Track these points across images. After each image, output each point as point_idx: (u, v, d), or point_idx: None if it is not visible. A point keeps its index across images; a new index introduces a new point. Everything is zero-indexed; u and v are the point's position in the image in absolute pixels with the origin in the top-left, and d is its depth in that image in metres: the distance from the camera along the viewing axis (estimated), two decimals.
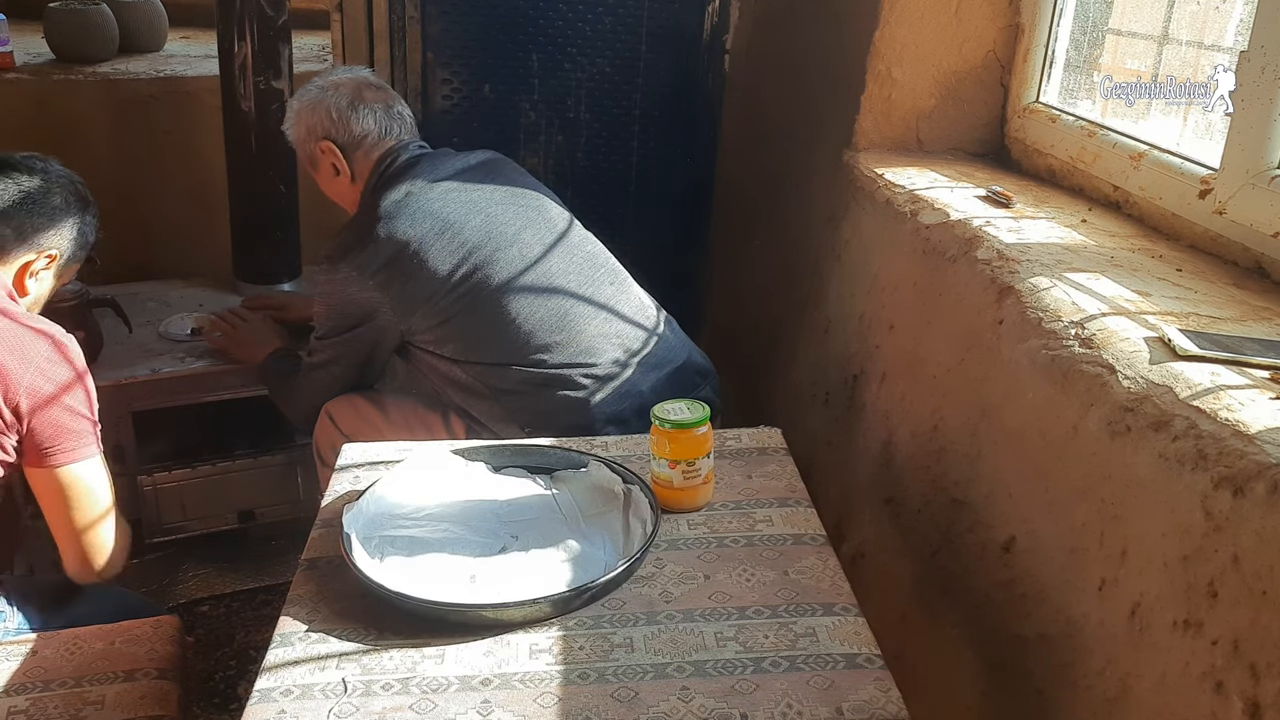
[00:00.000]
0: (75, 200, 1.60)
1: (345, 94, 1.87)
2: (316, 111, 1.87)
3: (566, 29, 2.43)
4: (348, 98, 1.86)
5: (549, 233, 1.85)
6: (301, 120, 1.89)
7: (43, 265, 1.57)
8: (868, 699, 1.06)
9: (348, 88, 1.88)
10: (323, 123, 1.86)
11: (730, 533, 1.35)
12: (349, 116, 1.85)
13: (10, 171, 1.55)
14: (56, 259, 1.59)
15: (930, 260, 1.65)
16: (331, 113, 1.85)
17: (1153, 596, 1.09)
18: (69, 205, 1.59)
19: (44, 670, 1.41)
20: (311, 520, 1.39)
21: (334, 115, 1.85)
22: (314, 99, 1.88)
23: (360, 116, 1.86)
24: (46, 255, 1.57)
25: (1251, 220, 1.38)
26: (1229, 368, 1.14)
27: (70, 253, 1.61)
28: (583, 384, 1.75)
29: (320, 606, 1.21)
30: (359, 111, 1.86)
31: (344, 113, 1.85)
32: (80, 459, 1.46)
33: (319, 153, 1.89)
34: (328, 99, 1.87)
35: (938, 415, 1.60)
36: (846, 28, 2.03)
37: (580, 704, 1.06)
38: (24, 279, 1.55)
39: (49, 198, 1.56)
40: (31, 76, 2.75)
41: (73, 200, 1.60)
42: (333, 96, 1.87)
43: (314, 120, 1.87)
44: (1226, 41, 1.52)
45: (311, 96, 1.89)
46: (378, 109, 1.87)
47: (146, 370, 2.11)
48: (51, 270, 1.59)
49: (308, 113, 1.88)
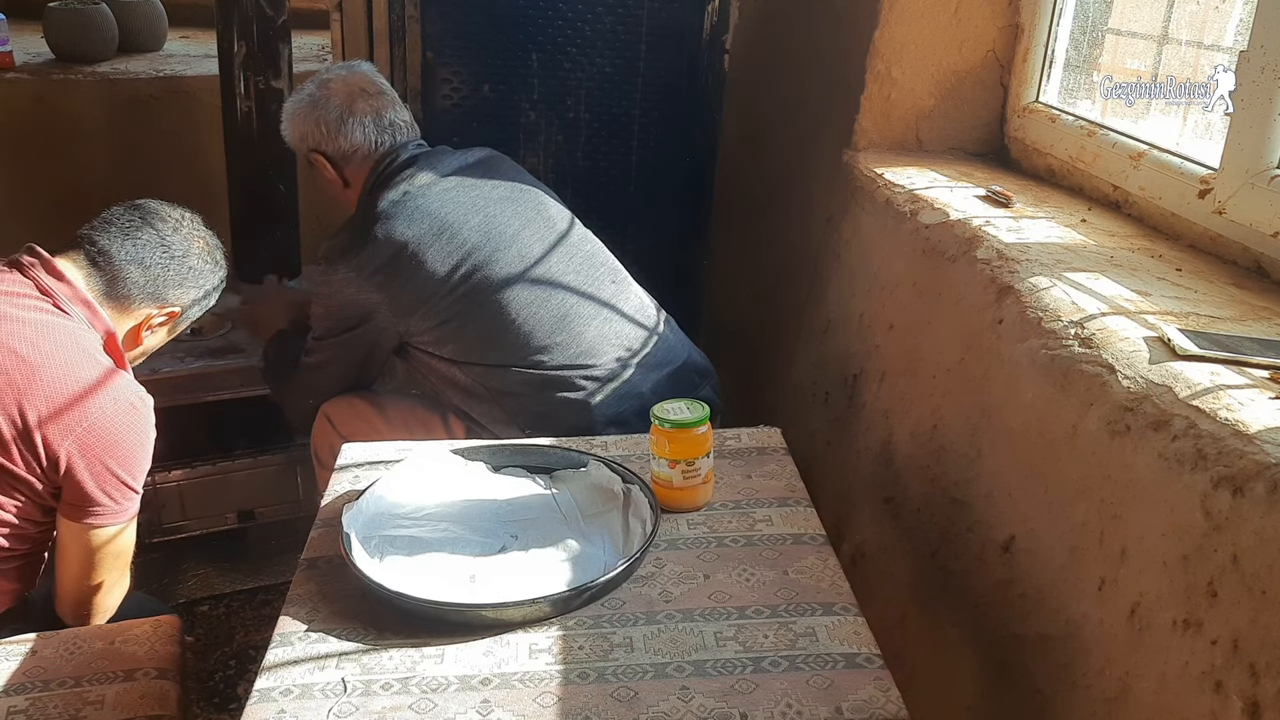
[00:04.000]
0: (211, 262, 1.59)
1: (336, 105, 1.83)
2: (307, 120, 1.84)
3: (566, 29, 2.43)
4: (337, 110, 1.82)
5: (549, 232, 1.85)
6: (294, 126, 1.87)
7: (160, 320, 1.55)
8: (867, 699, 1.06)
9: (340, 96, 1.84)
10: (312, 134, 1.84)
11: (730, 532, 1.35)
12: (337, 130, 1.82)
13: (155, 222, 1.53)
14: (176, 316, 1.57)
15: (930, 260, 1.65)
16: (321, 126, 1.83)
17: (1152, 596, 1.09)
18: (204, 267, 1.57)
19: (43, 670, 1.40)
20: (311, 520, 1.39)
21: (323, 129, 1.83)
22: (305, 107, 1.85)
23: (349, 130, 1.82)
24: (168, 311, 1.55)
25: (1251, 220, 1.38)
26: (1228, 367, 1.14)
27: (191, 313, 1.60)
28: (583, 385, 1.75)
29: (320, 606, 1.21)
30: (348, 125, 1.82)
31: (332, 126, 1.82)
32: (114, 523, 1.43)
33: (312, 160, 1.88)
34: (318, 110, 1.83)
35: (937, 415, 1.60)
36: (846, 27, 2.03)
37: (580, 704, 1.06)
38: (141, 331, 1.54)
39: (187, 258, 1.54)
40: (31, 76, 2.75)
41: (208, 262, 1.58)
42: (322, 108, 1.83)
43: (305, 129, 1.85)
44: (1226, 41, 1.52)
45: (303, 104, 1.86)
46: (368, 121, 1.83)
47: (146, 370, 2.10)
48: (167, 326, 1.58)
49: (300, 120, 1.86)
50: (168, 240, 1.53)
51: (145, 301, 1.52)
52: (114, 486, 1.41)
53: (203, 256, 1.58)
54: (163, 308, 1.54)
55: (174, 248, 1.53)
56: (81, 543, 1.43)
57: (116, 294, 1.49)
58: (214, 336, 2.25)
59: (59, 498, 1.41)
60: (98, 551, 1.44)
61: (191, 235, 1.57)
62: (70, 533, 1.43)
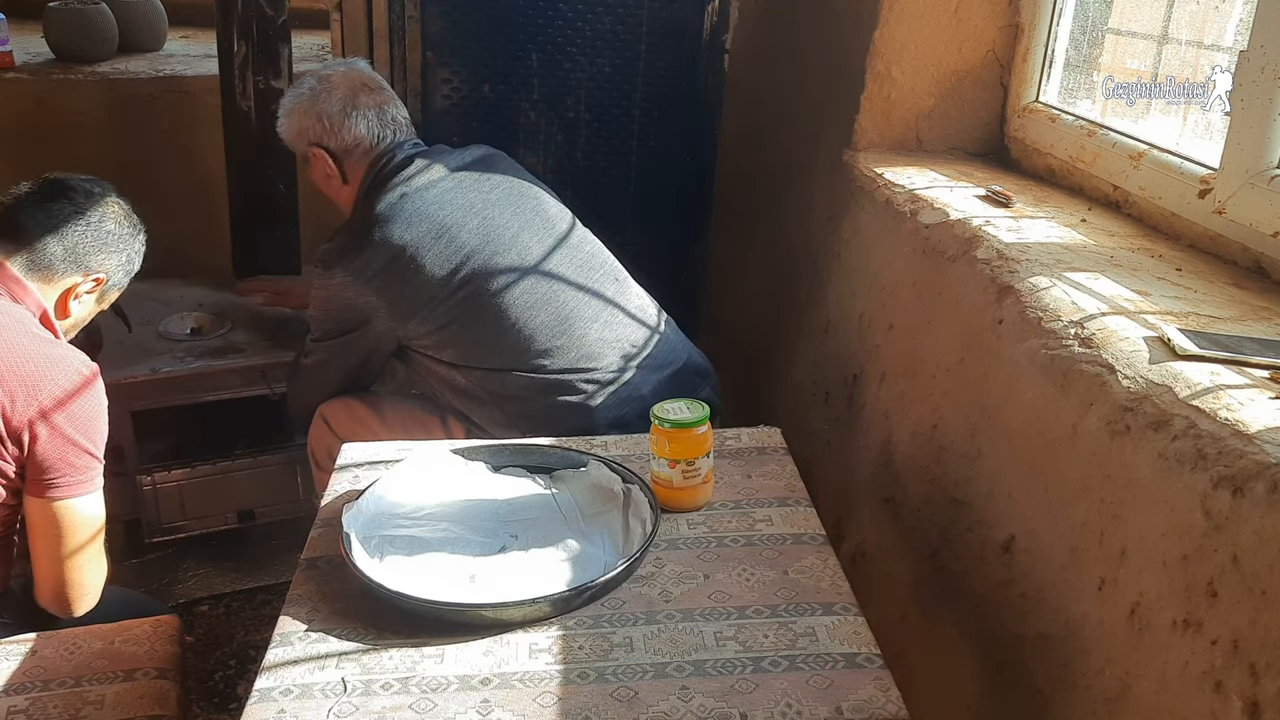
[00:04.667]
0: (129, 226, 1.60)
1: (338, 98, 1.82)
2: (308, 115, 1.83)
3: (566, 29, 2.43)
4: (340, 103, 1.81)
5: (548, 233, 1.84)
6: (293, 121, 1.85)
7: (87, 288, 1.56)
8: (867, 698, 1.06)
9: (341, 89, 1.83)
10: (314, 127, 1.83)
11: (730, 532, 1.35)
12: (340, 123, 1.81)
13: (67, 192, 1.54)
14: (102, 283, 1.58)
15: (930, 260, 1.65)
16: (323, 119, 1.81)
17: (1152, 596, 1.09)
18: (121, 230, 1.58)
19: (43, 670, 1.41)
20: (311, 520, 1.39)
21: (325, 122, 1.81)
22: (306, 101, 1.83)
23: (353, 123, 1.81)
24: (93, 279, 1.56)
25: (1251, 220, 1.38)
26: (1228, 367, 1.14)
27: (116, 278, 1.60)
28: (584, 389, 1.74)
29: (320, 606, 1.21)
30: (351, 118, 1.81)
31: (335, 119, 1.81)
32: (79, 494, 1.43)
33: (311, 155, 1.86)
34: (319, 104, 1.82)
35: (937, 415, 1.60)
36: (846, 27, 2.03)
37: (580, 703, 1.06)
38: (68, 301, 1.54)
39: (104, 222, 1.56)
40: (31, 76, 2.75)
41: (126, 226, 1.59)
42: (324, 101, 1.82)
43: (305, 123, 1.84)
44: (1226, 41, 1.52)
45: (303, 98, 1.84)
46: (370, 115, 1.82)
47: (146, 370, 2.11)
48: (95, 294, 1.59)
49: (300, 114, 1.84)
50: (82, 208, 1.54)
51: (68, 271, 1.53)
52: (76, 455, 1.42)
53: (119, 221, 1.58)
54: (87, 275, 1.55)
55: (89, 214, 1.54)
56: (51, 519, 1.43)
57: (38, 266, 1.50)
58: (214, 336, 2.25)
59: (24, 477, 1.42)
60: (69, 525, 1.44)
61: (105, 201, 1.58)
62: (40, 510, 1.43)
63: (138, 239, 1.63)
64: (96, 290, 1.58)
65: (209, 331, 2.27)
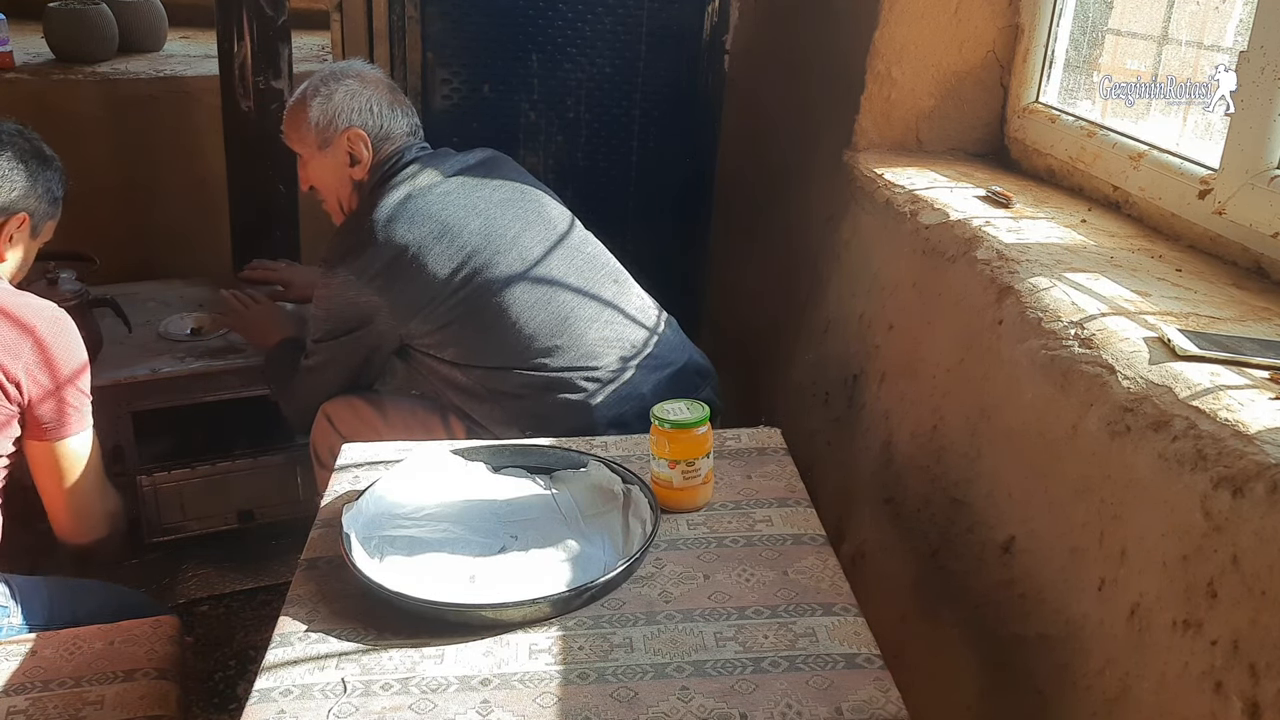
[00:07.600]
0: (32, 157, 1.58)
1: (384, 92, 1.88)
2: (357, 99, 1.84)
3: (566, 29, 2.43)
4: (386, 99, 1.87)
5: (549, 234, 1.85)
6: (335, 104, 1.84)
7: (15, 228, 1.56)
8: (867, 699, 1.06)
9: (383, 86, 1.89)
10: (360, 112, 1.84)
11: (730, 533, 1.35)
12: (389, 114, 1.86)
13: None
14: (28, 220, 1.57)
15: (930, 260, 1.65)
16: (372, 106, 1.85)
17: (1152, 596, 1.09)
18: (26, 164, 1.56)
19: (43, 670, 1.41)
20: (311, 520, 1.39)
21: (374, 109, 1.85)
22: (354, 85, 1.85)
23: (397, 117, 1.88)
24: (18, 219, 1.55)
25: (1251, 220, 1.38)
26: (1228, 368, 1.14)
27: (41, 210, 1.59)
28: (584, 387, 1.75)
29: (320, 606, 1.21)
30: (396, 111, 1.88)
31: (384, 109, 1.86)
32: (76, 432, 1.52)
33: (340, 139, 1.84)
34: (368, 91, 1.86)
35: (937, 415, 1.60)
36: (846, 28, 2.03)
37: (580, 704, 1.06)
38: (2, 247, 1.55)
39: (13, 160, 1.54)
40: (31, 76, 2.76)
41: (29, 157, 1.57)
42: (373, 89, 1.87)
43: (354, 105, 1.84)
44: (1226, 41, 1.52)
45: (349, 83, 1.85)
46: (409, 112, 1.90)
47: (146, 370, 2.11)
48: (25, 232, 1.58)
49: (348, 97, 1.84)
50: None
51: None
52: (70, 394, 1.51)
53: (22, 155, 1.57)
54: (9, 217, 1.54)
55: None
56: (54, 460, 1.53)
57: None
58: (214, 336, 2.25)
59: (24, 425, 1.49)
60: (73, 463, 1.55)
61: (11, 139, 1.56)
62: (44, 454, 1.52)
63: (48, 166, 1.61)
64: (25, 228, 1.58)
65: (209, 331, 2.27)
